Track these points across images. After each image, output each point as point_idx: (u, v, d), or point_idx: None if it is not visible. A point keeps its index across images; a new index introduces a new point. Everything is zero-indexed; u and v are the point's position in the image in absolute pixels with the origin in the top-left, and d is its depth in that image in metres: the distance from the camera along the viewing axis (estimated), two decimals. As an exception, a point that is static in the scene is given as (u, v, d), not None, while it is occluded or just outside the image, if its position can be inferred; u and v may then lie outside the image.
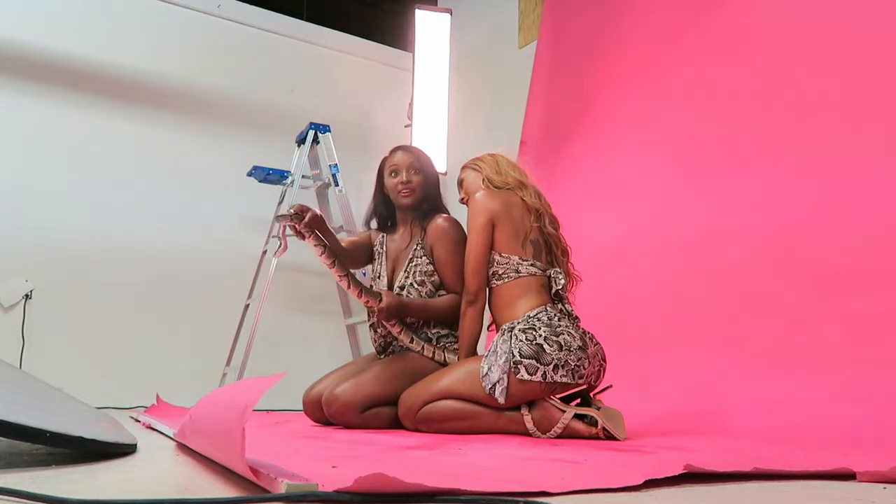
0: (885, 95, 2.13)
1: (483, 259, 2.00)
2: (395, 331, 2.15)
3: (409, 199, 2.27)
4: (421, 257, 2.24)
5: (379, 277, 2.35)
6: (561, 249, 2.09)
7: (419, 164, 2.29)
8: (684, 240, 2.62)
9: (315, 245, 2.09)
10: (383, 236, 2.39)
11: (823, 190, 2.22)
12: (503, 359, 1.84)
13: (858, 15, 2.27)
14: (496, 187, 2.09)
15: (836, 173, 2.20)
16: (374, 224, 2.43)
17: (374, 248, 2.40)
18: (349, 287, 2.11)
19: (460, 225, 2.25)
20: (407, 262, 2.26)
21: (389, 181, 2.30)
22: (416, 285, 2.22)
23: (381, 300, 2.10)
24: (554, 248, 2.08)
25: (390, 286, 2.29)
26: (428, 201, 2.29)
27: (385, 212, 2.38)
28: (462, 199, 2.21)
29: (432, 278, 2.22)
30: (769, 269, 2.30)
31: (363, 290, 2.11)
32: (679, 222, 2.67)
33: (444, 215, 2.28)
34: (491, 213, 2.01)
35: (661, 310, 2.61)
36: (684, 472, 0.97)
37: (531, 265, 2.01)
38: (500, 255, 2.01)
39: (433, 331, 2.20)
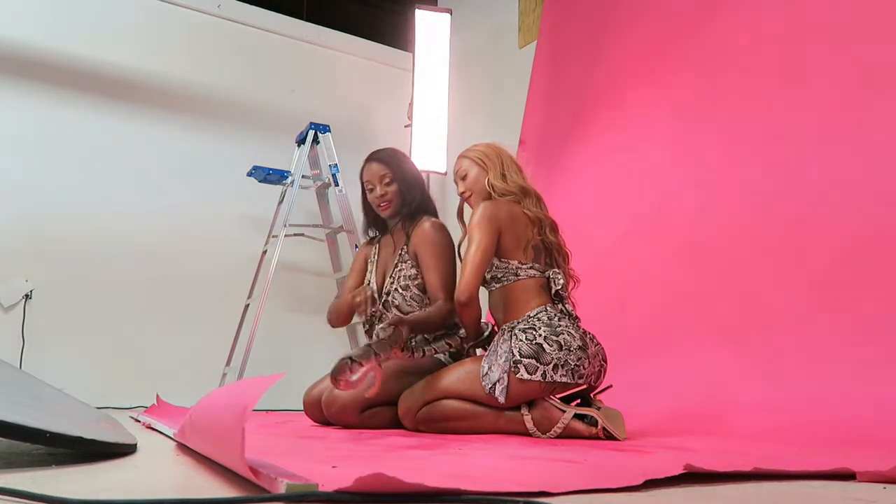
0: (888, 92, 2.13)
1: (486, 262, 1.97)
2: (398, 356, 1.96)
3: (388, 212, 2.30)
4: (405, 262, 2.24)
5: (368, 284, 2.35)
6: (563, 255, 2.08)
7: (392, 172, 2.27)
8: (684, 239, 2.62)
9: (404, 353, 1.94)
10: (377, 246, 2.39)
11: (824, 190, 2.22)
12: (503, 358, 1.84)
13: (862, 12, 2.27)
14: (500, 194, 2.07)
15: (836, 172, 2.20)
16: (371, 233, 2.45)
17: (369, 261, 2.41)
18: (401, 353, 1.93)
19: (445, 229, 2.24)
20: (392, 268, 2.27)
21: (368, 195, 2.31)
22: (400, 290, 2.23)
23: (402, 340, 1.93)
24: (555, 253, 2.07)
25: (379, 292, 2.29)
26: (408, 205, 2.27)
27: (376, 219, 2.39)
28: (463, 193, 2.15)
29: (416, 282, 2.22)
30: (769, 269, 2.30)
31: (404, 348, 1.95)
32: (679, 222, 2.67)
33: (431, 220, 2.25)
34: (498, 223, 1.98)
35: (662, 309, 2.60)
36: (684, 472, 0.97)
37: (530, 268, 2.00)
38: (500, 261, 2.00)
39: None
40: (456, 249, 2.25)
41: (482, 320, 2.09)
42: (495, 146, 2.18)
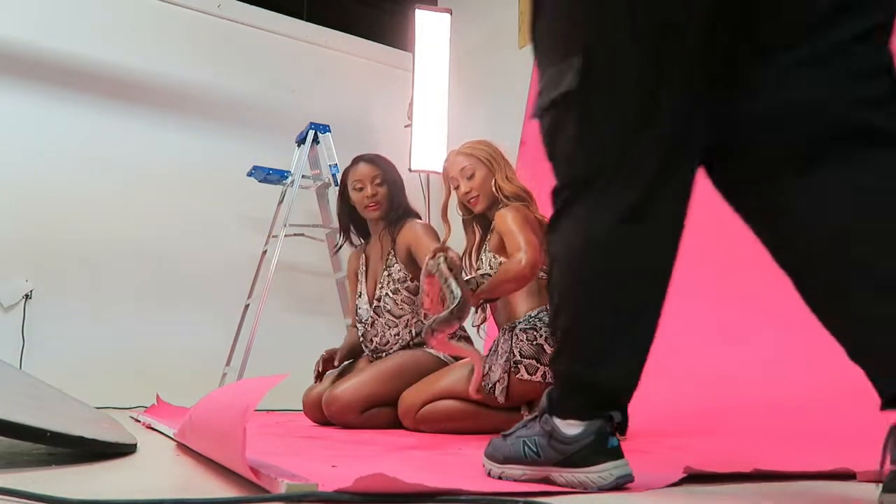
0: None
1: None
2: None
3: (376, 213, 2.30)
4: (393, 265, 2.25)
5: (360, 296, 2.36)
6: None
7: (383, 174, 2.30)
8: (684, 238, 2.62)
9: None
10: (365, 257, 2.40)
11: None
12: (504, 358, 1.84)
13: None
14: (505, 196, 2.06)
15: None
16: (355, 241, 2.47)
17: (359, 273, 2.42)
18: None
19: (434, 230, 2.26)
20: (381, 273, 2.28)
21: (355, 195, 2.31)
22: (390, 294, 2.25)
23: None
24: None
25: (371, 299, 2.31)
26: (395, 210, 2.30)
27: (356, 224, 2.40)
28: (468, 193, 2.07)
29: (405, 284, 2.24)
30: (769, 268, 2.30)
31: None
32: (679, 222, 2.67)
33: (419, 221, 2.28)
34: (529, 225, 1.96)
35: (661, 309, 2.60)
36: (684, 475, 0.97)
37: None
38: None
39: None
40: None
41: None
42: (492, 144, 2.16)
